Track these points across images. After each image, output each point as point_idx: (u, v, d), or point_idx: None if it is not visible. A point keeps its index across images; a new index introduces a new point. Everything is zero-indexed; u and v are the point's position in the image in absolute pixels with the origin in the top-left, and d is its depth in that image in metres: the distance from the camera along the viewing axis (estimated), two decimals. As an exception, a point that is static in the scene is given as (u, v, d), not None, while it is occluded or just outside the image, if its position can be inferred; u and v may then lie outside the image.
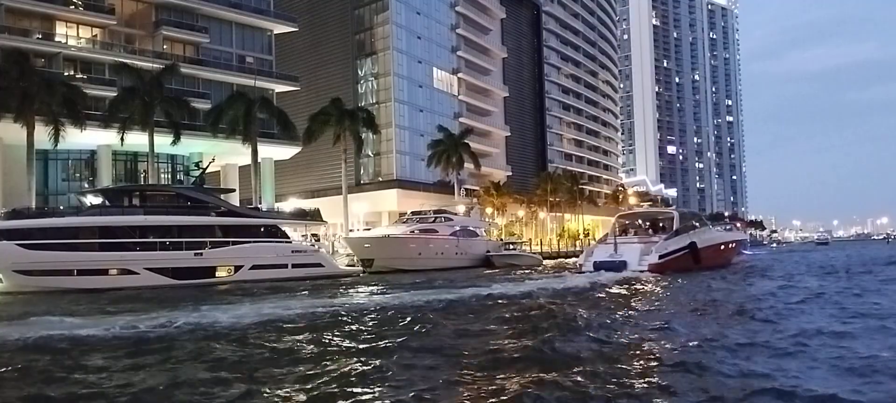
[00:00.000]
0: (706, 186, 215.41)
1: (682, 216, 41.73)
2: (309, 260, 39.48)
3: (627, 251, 35.65)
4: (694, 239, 37.88)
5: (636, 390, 8.24)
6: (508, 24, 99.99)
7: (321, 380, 9.10)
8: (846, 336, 12.44)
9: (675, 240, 36.72)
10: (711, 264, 38.60)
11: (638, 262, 34.49)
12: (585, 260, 37.03)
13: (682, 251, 36.25)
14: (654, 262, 34.25)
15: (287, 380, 9.22)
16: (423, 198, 68.14)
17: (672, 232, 38.00)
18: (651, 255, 34.76)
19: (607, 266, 34.53)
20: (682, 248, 36.41)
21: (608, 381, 8.71)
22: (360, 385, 8.87)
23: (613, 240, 36.94)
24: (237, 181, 55.74)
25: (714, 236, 43.75)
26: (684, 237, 37.53)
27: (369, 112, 58.50)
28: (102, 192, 38.79)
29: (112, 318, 16.91)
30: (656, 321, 15.16)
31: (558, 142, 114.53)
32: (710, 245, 40.21)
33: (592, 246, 43.78)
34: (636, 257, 34.91)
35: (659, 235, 38.39)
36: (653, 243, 36.47)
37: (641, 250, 35.58)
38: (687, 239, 37.34)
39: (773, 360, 10.12)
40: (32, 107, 38.18)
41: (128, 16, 54.27)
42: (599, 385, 8.53)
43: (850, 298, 19.99)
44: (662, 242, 36.21)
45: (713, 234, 43.97)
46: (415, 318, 16.02)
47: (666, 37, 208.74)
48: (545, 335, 12.94)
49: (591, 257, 36.57)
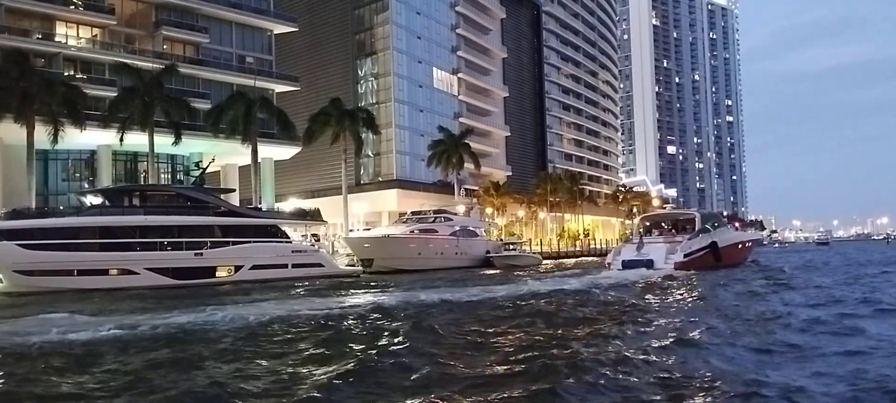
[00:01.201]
0: (706, 186, 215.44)
1: (704, 217, 43.70)
2: (309, 261, 39.53)
3: (653, 250, 37.39)
4: (715, 238, 39.54)
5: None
6: (508, 24, 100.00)
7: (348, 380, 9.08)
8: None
9: (698, 240, 38.45)
10: (731, 262, 40.50)
11: (664, 261, 36.06)
12: (614, 258, 38.42)
13: (704, 250, 37.88)
14: (680, 260, 35.91)
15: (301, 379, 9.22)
16: (423, 198, 68.15)
17: (695, 232, 39.79)
18: (676, 254, 36.42)
19: (635, 264, 35.94)
20: (705, 247, 38.04)
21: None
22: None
23: (639, 240, 39.01)
24: (237, 181, 55.74)
25: (733, 236, 45.30)
26: (706, 237, 39.25)
27: (369, 112, 58.51)
28: (102, 192, 38.83)
29: (142, 316, 16.99)
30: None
31: (558, 142, 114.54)
32: (729, 244, 41.85)
33: (619, 245, 46.09)
34: (662, 256, 36.55)
35: (682, 235, 40.21)
36: (677, 243, 38.18)
37: (667, 249, 37.29)
38: (708, 239, 38.98)
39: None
40: (32, 107, 38.19)
41: (128, 16, 54.28)
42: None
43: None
44: (686, 242, 37.94)
45: (732, 234, 45.56)
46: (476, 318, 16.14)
47: (666, 37, 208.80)
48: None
49: (619, 256, 38.03)
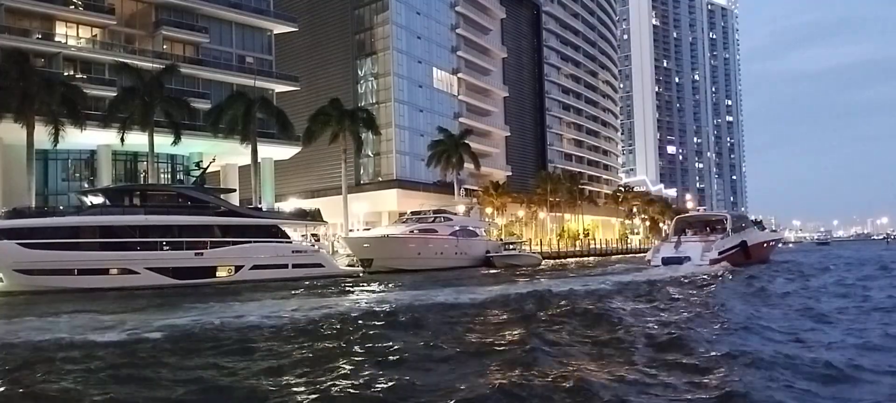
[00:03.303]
0: (706, 186, 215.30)
1: (734, 218, 47.66)
2: (309, 261, 39.50)
3: (690, 248, 41.03)
4: (744, 237, 43.64)
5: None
6: (508, 24, 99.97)
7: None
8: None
9: (730, 239, 42.21)
10: (758, 259, 44.71)
11: (700, 258, 39.34)
12: (653, 256, 42.34)
13: (735, 248, 41.65)
14: (715, 257, 39.29)
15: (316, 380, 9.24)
16: (423, 198, 68.12)
17: (727, 232, 43.35)
18: (711, 252, 39.81)
19: (673, 261, 39.35)
20: (736, 246, 41.84)
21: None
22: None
23: (676, 239, 43.24)
24: (237, 181, 55.70)
25: (760, 235, 49.80)
26: (737, 236, 43.11)
27: (369, 112, 58.48)
28: (103, 192, 38.79)
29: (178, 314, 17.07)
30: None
31: (558, 142, 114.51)
32: (757, 243, 46.15)
33: (658, 244, 49.86)
34: (698, 253, 39.96)
35: (714, 235, 43.77)
36: (711, 241, 41.73)
37: (703, 247, 40.65)
38: (739, 238, 42.90)
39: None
40: (32, 107, 38.13)
41: (128, 16, 54.27)
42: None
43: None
44: (720, 240, 41.51)
45: (759, 234, 50.05)
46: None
47: (666, 37, 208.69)
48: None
49: (658, 253, 41.90)
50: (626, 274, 34.26)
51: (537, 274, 40.67)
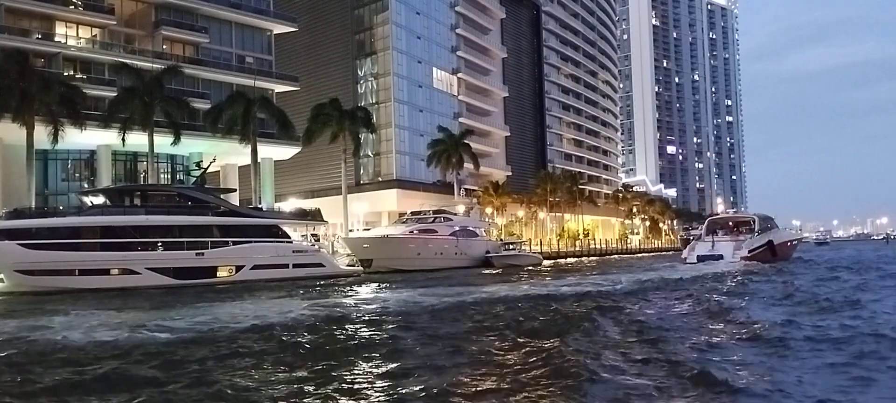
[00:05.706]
0: (706, 186, 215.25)
1: (761, 219, 51.10)
2: (310, 260, 39.52)
3: (723, 247, 45.42)
4: (771, 237, 47.25)
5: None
6: (508, 24, 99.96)
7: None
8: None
9: (758, 238, 46.14)
10: (782, 257, 47.87)
11: (732, 255, 43.37)
12: (689, 253, 46.68)
13: (763, 246, 45.29)
14: (745, 255, 43.22)
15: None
16: (423, 198, 68.11)
17: (755, 232, 47.35)
18: (742, 250, 43.87)
19: (708, 258, 43.59)
20: (764, 245, 45.54)
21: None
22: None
23: (710, 239, 47.66)
24: (237, 181, 55.66)
25: (785, 235, 54.00)
26: (764, 236, 46.93)
27: (366, 110, 58.42)
28: (103, 192, 38.78)
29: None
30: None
31: (558, 142, 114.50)
32: (782, 242, 49.72)
33: (693, 243, 53.26)
34: (730, 251, 44.19)
35: (743, 235, 47.75)
36: (741, 240, 46.18)
37: (734, 246, 44.83)
38: (766, 238, 46.63)
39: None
40: (32, 107, 38.09)
41: (128, 16, 54.26)
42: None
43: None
44: (749, 240, 45.61)
45: (784, 234, 54.14)
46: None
47: (666, 37, 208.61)
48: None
49: (694, 252, 46.26)
50: (672, 270, 36.56)
51: (587, 269, 43.48)
